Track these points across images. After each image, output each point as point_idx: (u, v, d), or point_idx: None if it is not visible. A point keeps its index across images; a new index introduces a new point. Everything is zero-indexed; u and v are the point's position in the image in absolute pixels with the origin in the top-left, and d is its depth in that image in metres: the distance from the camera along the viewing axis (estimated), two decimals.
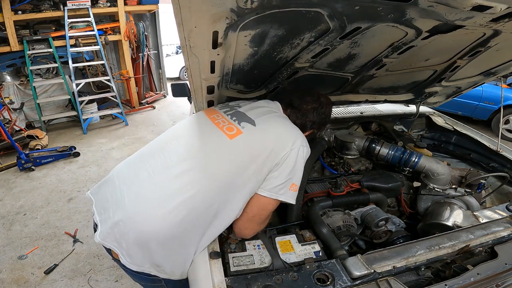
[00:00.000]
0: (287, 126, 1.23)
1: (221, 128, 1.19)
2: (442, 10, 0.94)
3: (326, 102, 1.38)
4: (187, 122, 1.35)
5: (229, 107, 1.31)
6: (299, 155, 1.13)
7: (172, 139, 1.24)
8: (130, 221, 1.02)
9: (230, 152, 1.12)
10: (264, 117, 1.22)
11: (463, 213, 1.38)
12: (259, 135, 1.16)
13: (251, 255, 1.06)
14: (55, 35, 5.21)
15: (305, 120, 1.33)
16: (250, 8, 0.80)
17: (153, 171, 1.12)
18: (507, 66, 1.64)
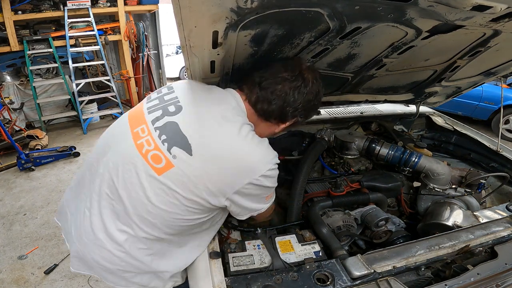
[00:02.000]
0: (240, 149, 0.90)
1: (144, 155, 0.91)
2: (442, 10, 0.94)
3: (312, 77, 1.00)
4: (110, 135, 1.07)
5: (161, 109, 0.98)
6: (260, 186, 0.94)
7: (98, 163, 1.01)
8: (83, 253, 1.01)
9: (161, 195, 0.90)
10: (207, 134, 0.89)
11: (463, 213, 1.38)
12: (196, 171, 0.87)
13: (251, 255, 1.06)
14: (55, 35, 5.22)
15: (281, 107, 0.97)
16: (250, 8, 0.80)
17: (88, 209, 1.00)
18: (507, 66, 1.64)
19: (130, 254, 0.98)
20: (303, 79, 0.99)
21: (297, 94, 0.97)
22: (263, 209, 1.05)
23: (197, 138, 0.89)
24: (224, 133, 0.90)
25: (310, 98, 1.01)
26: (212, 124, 0.91)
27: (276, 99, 0.97)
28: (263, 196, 1.00)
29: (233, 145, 0.89)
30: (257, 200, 1.00)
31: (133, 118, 1.02)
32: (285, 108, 0.98)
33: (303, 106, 1.01)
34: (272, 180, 0.97)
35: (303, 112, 1.03)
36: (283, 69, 0.99)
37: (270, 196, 1.04)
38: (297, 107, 0.99)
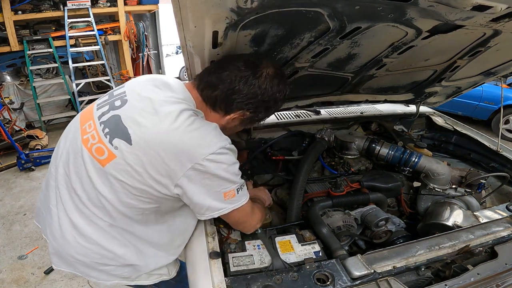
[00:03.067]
0: (176, 134, 0.88)
1: (89, 149, 0.95)
2: (442, 10, 0.94)
3: (268, 73, 0.96)
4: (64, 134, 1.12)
5: (108, 104, 1.00)
6: (207, 173, 0.88)
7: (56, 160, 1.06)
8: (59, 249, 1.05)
9: (108, 185, 0.93)
10: (144, 123, 0.90)
11: (463, 213, 1.38)
12: (137, 159, 0.88)
13: (251, 255, 1.06)
14: (55, 35, 5.22)
15: (226, 94, 0.94)
16: (250, 8, 0.80)
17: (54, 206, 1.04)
18: (507, 66, 1.63)
19: (101, 246, 1.00)
20: (254, 71, 0.95)
21: (243, 84, 0.94)
22: (223, 211, 0.96)
23: (136, 127, 0.90)
24: (160, 120, 0.89)
25: (258, 93, 0.95)
26: (150, 113, 0.91)
27: (220, 85, 0.94)
28: (217, 190, 0.93)
29: (168, 130, 0.88)
30: (211, 195, 0.93)
31: (83, 116, 1.06)
32: (230, 96, 0.95)
33: (250, 99, 0.96)
34: (221, 166, 0.90)
35: (251, 107, 0.98)
36: (240, 59, 0.97)
37: (229, 193, 0.94)
38: (242, 99, 0.95)
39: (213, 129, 0.94)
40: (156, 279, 1.16)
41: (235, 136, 1.88)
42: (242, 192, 0.98)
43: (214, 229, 1.16)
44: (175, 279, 1.23)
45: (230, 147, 0.94)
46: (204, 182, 0.91)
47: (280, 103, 1.05)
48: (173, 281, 1.23)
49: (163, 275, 1.17)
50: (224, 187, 0.93)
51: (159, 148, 0.87)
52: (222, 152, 0.91)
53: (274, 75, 0.98)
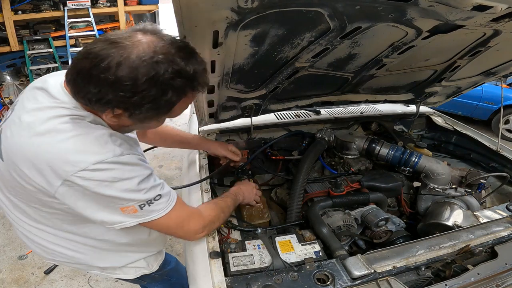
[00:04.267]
0: (39, 144, 0.74)
1: None
2: (442, 10, 0.94)
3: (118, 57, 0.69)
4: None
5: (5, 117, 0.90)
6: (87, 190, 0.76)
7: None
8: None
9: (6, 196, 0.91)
10: (10, 135, 0.79)
11: (463, 213, 1.38)
12: (9, 175, 0.81)
13: (251, 255, 1.06)
14: (55, 35, 5.22)
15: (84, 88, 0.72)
16: (251, 7, 0.81)
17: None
18: (507, 66, 1.64)
19: (51, 249, 1.00)
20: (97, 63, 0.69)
21: (88, 82, 0.71)
22: (126, 223, 0.85)
23: (4, 141, 0.81)
24: (21, 130, 0.77)
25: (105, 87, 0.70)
26: (15, 123, 0.80)
27: (78, 90, 0.74)
28: (109, 205, 0.81)
29: (28, 142, 0.75)
30: (103, 209, 0.81)
31: None
32: (88, 91, 0.72)
33: (105, 96, 0.71)
34: (101, 184, 0.76)
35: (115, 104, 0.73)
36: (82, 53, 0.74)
37: (128, 209, 0.82)
38: (93, 96, 0.72)
39: (95, 138, 0.77)
40: (134, 273, 1.15)
41: (235, 136, 1.88)
42: (151, 208, 0.85)
43: None
44: (158, 274, 1.23)
45: (115, 160, 0.77)
46: (87, 198, 0.78)
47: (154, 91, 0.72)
48: (157, 275, 1.23)
49: (141, 269, 1.16)
50: (118, 204, 0.81)
51: (19, 162, 0.76)
52: (99, 168, 0.74)
53: (122, 62, 0.69)
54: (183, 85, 0.76)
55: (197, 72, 0.77)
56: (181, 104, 0.82)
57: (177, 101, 0.80)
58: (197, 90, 0.82)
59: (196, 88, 0.80)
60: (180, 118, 5.86)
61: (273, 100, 1.68)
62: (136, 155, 0.84)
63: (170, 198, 0.91)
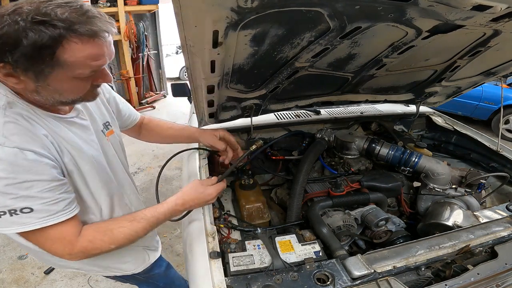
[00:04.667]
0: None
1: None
2: (442, 10, 0.94)
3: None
4: None
5: None
6: None
7: None
8: None
9: None
10: None
11: (463, 213, 1.38)
12: None
13: (251, 255, 1.06)
14: None
15: None
16: (251, 7, 0.80)
17: None
18: (507, 66, 1.64)
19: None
20: None
21: None
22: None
23: None
24: None
25: None
26: None
27: None
28: None
29: None
30: None
31: None
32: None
33: None
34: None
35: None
36: None
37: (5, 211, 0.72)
38: None
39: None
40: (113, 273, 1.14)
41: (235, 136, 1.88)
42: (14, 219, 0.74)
43: (214, 229, 1.15)
44: (143, 276, 1.22)
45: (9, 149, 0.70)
46: None
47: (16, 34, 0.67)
48: (142, 277, 1.23)
49: (123, 270, 1.15)
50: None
51: None
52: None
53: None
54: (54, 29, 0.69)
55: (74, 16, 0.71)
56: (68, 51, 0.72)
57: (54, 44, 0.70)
58: (85, 35, 0.73)
59: (79, 31, 0.71)
60: (180, 119, 5.87)
61: (273, 100, 1.68)
62: (30, 152, 0.73)
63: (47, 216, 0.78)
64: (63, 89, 0.80)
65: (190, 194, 1.06)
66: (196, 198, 1.06)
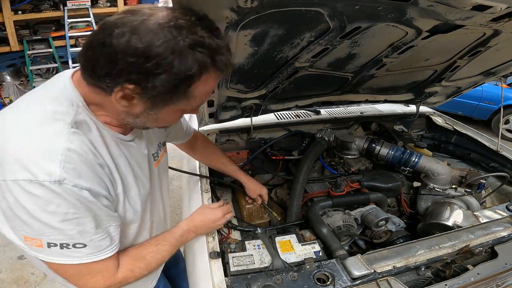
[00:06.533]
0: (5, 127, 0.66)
1: None
2: (442, 10, 0.94)
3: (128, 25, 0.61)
4: None
5: None
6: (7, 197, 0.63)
7: None
8: None
9: None
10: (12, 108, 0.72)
11: (463, 213, 1.38)
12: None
13: (251, 255, 1.06)
14: (55, 35, 5.22)
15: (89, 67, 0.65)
16: (250, 7, 0.80)
17: None
18: (507, 66, 1.64)
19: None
20: (109, 31, 0.61)
21: (100, 48, 0.62)
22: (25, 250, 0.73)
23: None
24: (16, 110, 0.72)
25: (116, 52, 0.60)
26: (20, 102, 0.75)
27: (86, 64, 0.66)
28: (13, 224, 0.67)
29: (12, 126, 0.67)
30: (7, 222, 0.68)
31: None
32: (94, 69, 0.65)
33: (114, 65, 0.61)
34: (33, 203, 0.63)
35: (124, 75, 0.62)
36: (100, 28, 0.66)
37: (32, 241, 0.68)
38: (107, 68, 0.63)
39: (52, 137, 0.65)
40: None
41: (235, 136, 1.88)
42: (63, 252, 0.69)
43: None
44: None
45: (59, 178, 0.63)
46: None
47: (171, 57, 0.61)
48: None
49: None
50: (23, 230, 0.67)
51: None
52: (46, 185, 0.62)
53: (137, 26, 0.61)
54: (204, 57, 0.64)
55: (220, 46, 0.66)
56: (202, 84, 0.67)
57: (197, 75, 0.65)
58: (220, 70, 0.68)
59: (218, 65, 0.67)
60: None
61: (273, 100, 1.68)
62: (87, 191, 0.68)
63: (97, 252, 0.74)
64: (165, 119, 0.77)
65: (199, 219, 1.06)
66: (205, 220, 1.06)
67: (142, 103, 0.69)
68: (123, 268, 0.82)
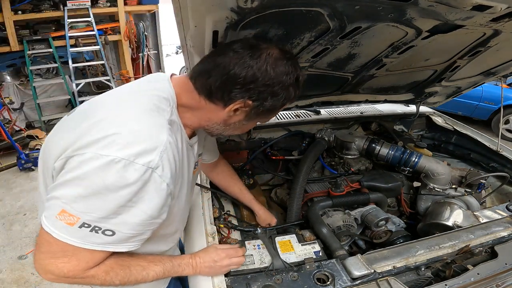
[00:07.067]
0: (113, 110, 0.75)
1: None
2: (442, 10, 0.94)
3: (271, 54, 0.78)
4: None
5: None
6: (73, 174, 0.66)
7: None
8: None
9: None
10: (93, 100, 0.82)
11: (463, 213, 1.38)
12: (55, 129, 0.81)
13: (251, 255, 1.06)
14: (55, 35, 5.21)
15: (222, 81, 0.77)
16: (251, 7, 0.80)
17: None
18: (507, 66, 1.63)
19: None
20: (252, 52, 0.77)
21: (239, 67, 0.76)
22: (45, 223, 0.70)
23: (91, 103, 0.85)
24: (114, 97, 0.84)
25: (257, 75, 0.76)
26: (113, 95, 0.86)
27: (214, 71, 0.78)
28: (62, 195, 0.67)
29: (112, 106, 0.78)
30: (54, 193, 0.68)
31: None
32: (225, 83, 0.77)
33: (248, 84, 0.76)
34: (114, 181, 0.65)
35: (252, 94, 0.78)
36: (238, 42, 0.82)
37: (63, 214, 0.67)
38: (240, 84, 0.77)
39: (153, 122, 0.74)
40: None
41: (235, 136, 1.88)
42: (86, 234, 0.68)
43: (214, 229, 1.16)
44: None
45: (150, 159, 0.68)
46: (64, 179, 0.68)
47: (292, 89, 0.82)
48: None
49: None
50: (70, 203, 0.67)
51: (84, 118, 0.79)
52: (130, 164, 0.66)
53: (278, 56, 0.79)
54: (294, 91, 0.84)
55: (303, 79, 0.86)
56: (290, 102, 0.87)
57: (284, 104, 0.85)
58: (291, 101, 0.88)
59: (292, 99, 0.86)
60: None
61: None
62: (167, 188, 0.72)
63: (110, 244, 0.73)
64: (245, 129, 0.94)
65: (204, 260, 0.96)
66: (209, 266, 0.96)
67: (243, 115, 0.84)
68: (100, 267, 0.76)
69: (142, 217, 0.71)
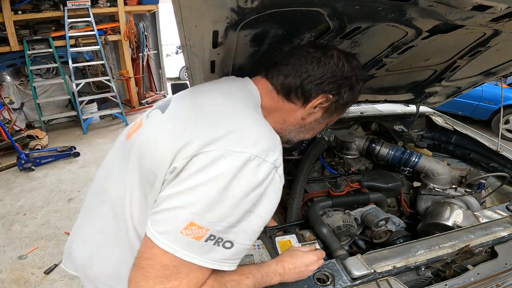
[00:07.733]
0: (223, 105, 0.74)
1: (126, 130, 0.89)
2: (442, 10, 0.94)
3: (340, 54, 0.84)
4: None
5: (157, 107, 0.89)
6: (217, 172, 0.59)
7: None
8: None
9: (119, 157, 0.82)
10: (191, 96, 0.81)
11: (463, 213, 1.38)
12: (158, 126, 0.75)
13: (251, 255, 1.06)
14: (55, 35, 5.21)
15: (298, 79, 0.80)
16: (251, 7, 0.80)
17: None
18: (507, 66, 1.63)
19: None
20: (324, 51, 0.82)
21: (316, 64, 0.80)
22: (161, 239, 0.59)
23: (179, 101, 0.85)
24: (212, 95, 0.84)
25: (336, 70, 0.81)
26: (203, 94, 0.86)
27: (291, 71, 0.81)
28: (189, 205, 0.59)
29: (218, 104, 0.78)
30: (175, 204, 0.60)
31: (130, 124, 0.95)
32: (305, 80, 0.80)
33: (329, 79, 0.81)
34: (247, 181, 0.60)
35: (333, 87, 0.81)
36: (305, 45, 0.89)
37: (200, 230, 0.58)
38: (320, 80, 0.80)
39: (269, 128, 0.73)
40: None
41: None
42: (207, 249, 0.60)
43: None
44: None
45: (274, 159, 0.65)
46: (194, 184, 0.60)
47: (361, 84, 0.87)
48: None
49: None
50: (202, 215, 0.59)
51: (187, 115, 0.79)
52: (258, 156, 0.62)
53: (346, 56, 0.85)
54: (362, 85, 0.88)
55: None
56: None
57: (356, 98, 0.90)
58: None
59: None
60: None
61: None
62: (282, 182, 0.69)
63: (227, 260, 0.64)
64: (316, 130, 0.94)
65: (289, 260, 0.88)
66: (296, 263, 0.88)
67: (321, 111, 0.86)
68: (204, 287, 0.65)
69: (258, 223, 0.64)
